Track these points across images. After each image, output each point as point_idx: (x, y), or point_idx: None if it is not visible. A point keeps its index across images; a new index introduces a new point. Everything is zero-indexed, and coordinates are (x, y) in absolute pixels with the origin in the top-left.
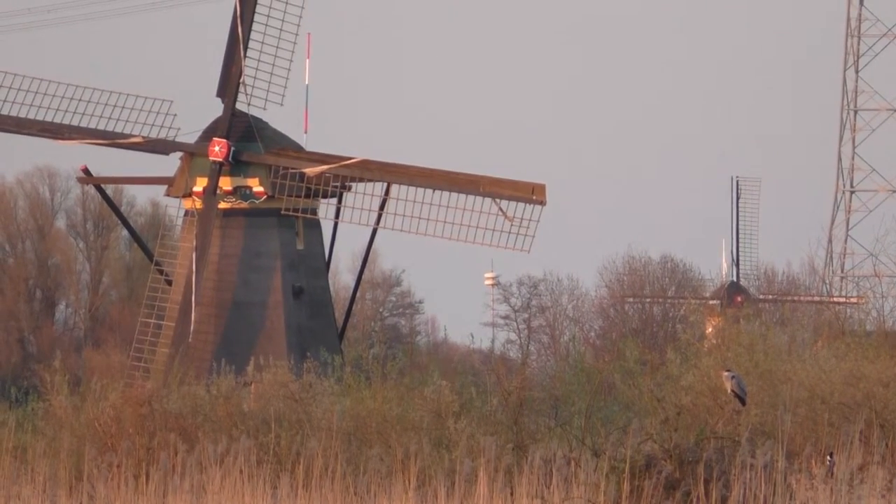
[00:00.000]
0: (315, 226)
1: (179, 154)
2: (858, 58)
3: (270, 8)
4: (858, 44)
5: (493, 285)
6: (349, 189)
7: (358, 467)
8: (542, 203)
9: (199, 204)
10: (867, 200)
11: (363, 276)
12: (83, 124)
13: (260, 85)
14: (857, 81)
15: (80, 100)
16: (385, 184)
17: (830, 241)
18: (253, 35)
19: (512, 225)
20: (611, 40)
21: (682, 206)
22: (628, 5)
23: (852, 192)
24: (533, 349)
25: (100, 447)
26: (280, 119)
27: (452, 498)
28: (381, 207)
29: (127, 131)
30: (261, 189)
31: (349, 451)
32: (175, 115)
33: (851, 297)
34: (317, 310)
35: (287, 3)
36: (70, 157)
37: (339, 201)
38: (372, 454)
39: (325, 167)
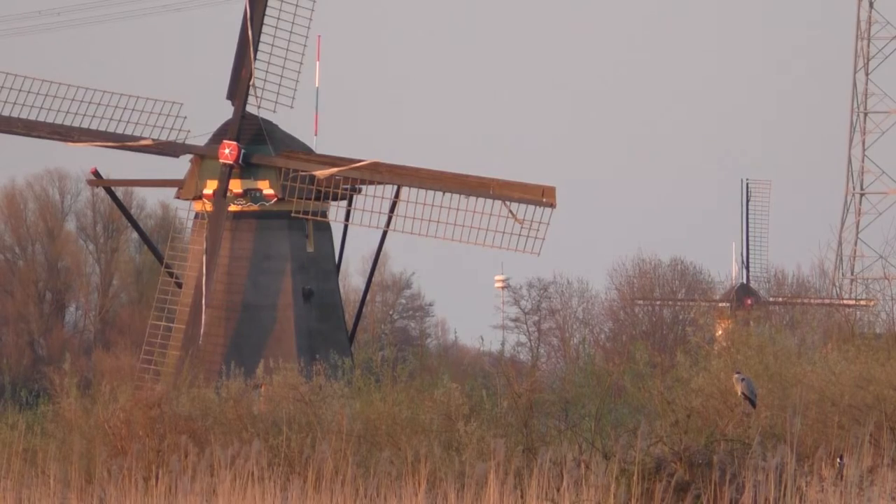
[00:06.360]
0: (325, 228)
1: (189, 156)
2: (868, 60)
3: (280, 10)
4: (868, 46)
5: (503, 288)
6: (359, 191)
7: (368, 470)
8: (552, 205)
9: (209, 206)
10: (877, 203)
11: (373, 279)
12: (93, 127)
13: (270, 87)
14: (867, 84)
15: (89, 102)
16: (395, 186)
17: (840, 243)
18: (263, 37)
19: (522, 227)
20: (619, 42)
21: (692, 209)
22: (639, 8)
23: (862, 195)
24: (543, 352)
25: (110, 450)
26: (290, 121)
27: (462, 500)
28: (391, 210)
29: (137, 134)
30: (271, 191)
31: (359, 453)
32: (185, 117)
33: (861, 299)
34: (327, 312)
35: (297, 5)
36: (80, 159)
37: (349, 204)
38: (382, 457)
39: (335, 170)
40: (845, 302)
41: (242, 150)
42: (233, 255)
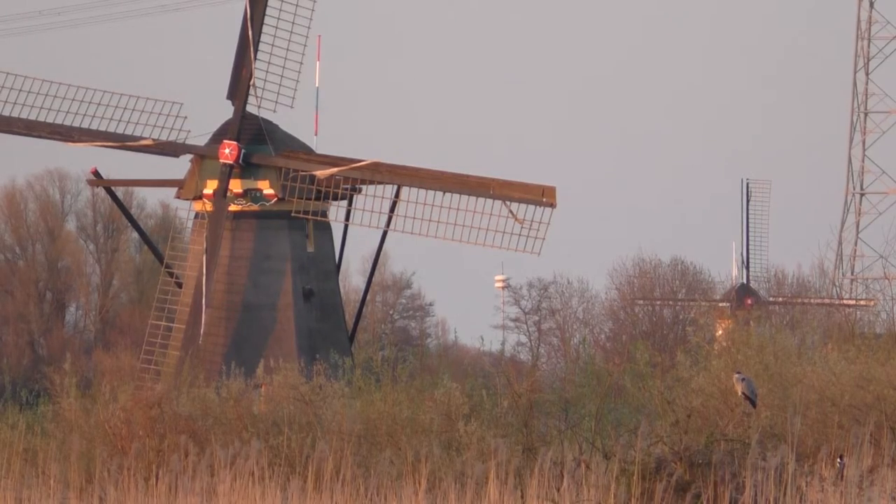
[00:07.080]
0: (325, 228)
1: (190, 156)
2: (868, 60)
3: (280, 10)
4: (868, 46)
5: (503, 288)
6: (359, 191)
7: (368, 470)
8: (553, 205)
9: (209, 206)
10: (877, 203)
11: (373, 279)
12: (93, 127)
13: (270, 87)
14: (867, 84)
15: (90, 102)
16: (395, 186)
17: (840, 243)
18: (263, 37)
19: (522, 227)
20: (620, 43)
21: (692, 209)
22: (639, 8)
23: (862, 195)
24: (543, 351)
25: (110, 450)
26: (290, 121)
27: (463, 500)
28: (392, 210)
29: (137, 134)
30: (271, 191)
31: (359, 453)
32: (185, 117)
33: (861, 299)
34: (327, 312)
35: (297, 5)
36: (80, 159)
37: (350, 204)
38: (382, 457)
39: (335, 169)
40: (845, 302)
41: (242, 150)
42: (233, 255)
